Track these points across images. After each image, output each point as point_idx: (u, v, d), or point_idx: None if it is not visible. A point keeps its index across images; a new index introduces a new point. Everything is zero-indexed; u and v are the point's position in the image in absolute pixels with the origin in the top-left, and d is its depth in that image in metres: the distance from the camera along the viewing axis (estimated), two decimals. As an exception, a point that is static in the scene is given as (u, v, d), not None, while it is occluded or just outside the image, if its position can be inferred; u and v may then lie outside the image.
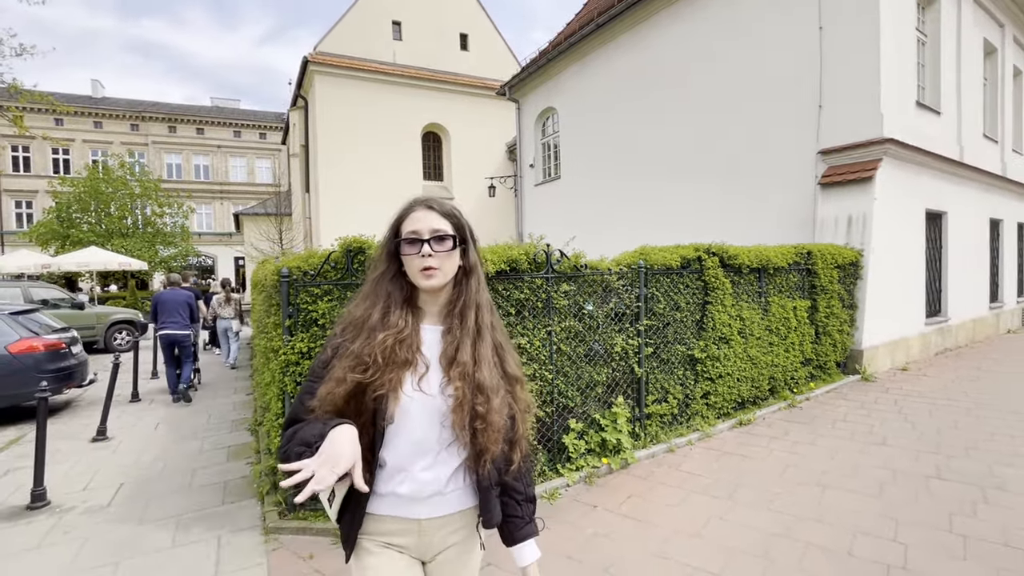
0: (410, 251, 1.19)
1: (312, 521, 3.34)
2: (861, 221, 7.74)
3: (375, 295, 1.24)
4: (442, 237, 1.20)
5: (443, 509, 1.24)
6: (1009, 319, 12.18)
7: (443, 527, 1.25)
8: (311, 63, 19.11)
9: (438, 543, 1.26)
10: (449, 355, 1.21)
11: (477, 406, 1.17)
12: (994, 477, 3.91)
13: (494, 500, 1.28)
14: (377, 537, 1.22)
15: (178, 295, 7.36)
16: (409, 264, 1.20)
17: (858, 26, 7.91)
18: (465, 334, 1.22)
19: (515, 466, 1.29)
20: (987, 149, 11.13)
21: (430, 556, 1.27)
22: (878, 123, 7.72)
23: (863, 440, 4.80)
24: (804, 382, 6.45)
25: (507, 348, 1.31)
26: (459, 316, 1.24)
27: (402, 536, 1.23)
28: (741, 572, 2.79)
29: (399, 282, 1.24)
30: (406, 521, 1.22)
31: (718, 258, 5.35)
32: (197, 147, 37.23)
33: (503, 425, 1.21)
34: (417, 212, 1.23)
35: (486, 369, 1.21)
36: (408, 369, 1.18)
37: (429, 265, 1.17)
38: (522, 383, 1.30)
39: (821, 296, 6.66)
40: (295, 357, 3.29)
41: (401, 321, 1.20)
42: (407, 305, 1.24)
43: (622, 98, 12.47)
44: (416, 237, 1.19)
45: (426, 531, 1.24)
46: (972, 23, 10.29)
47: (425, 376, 1.20)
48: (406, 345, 1.18)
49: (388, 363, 1.15)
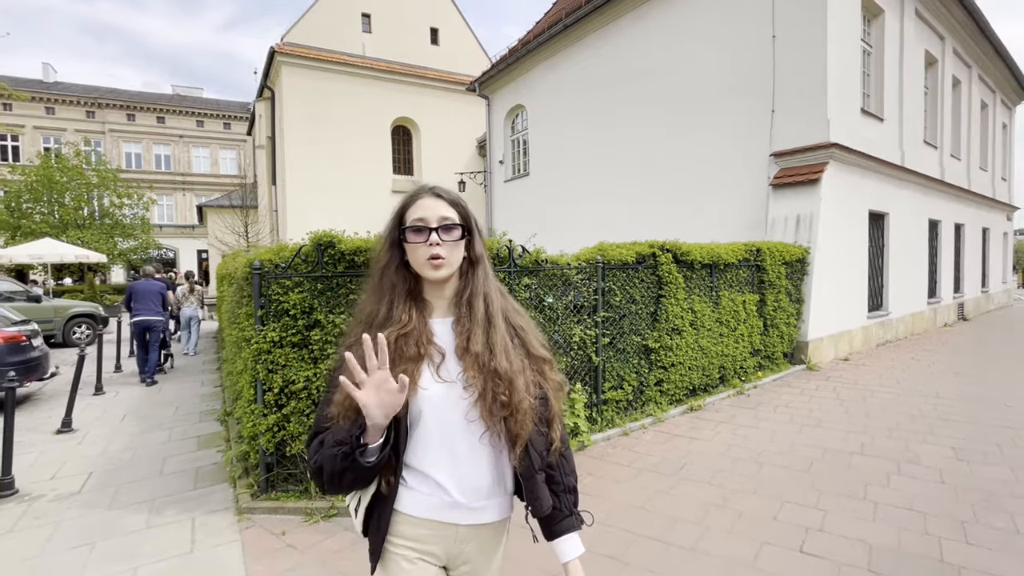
0: (416, 240, 1.15)
1: (284, 501, 3.51)
2: (809, 220, 8.24)
3: (380, 289, 1.21)
4: (450, 226, 1.17)
5: (485, 517, 1.19)
6: (945, 314, 13.03)
7: (478, 536, 1.21)
8: (278, 54, 18.83)
9: (468, 552, 1.21)
10: (462, 346, 1.17)
11: (499, 395, 1.13)
12: (909, 452, 4.35)
13: (541, 485, 1.22)
14: (410, 543, 1.17)
15: (151, 285, 8.02)
16: (414, 253, 1.16)
17: (807, 36, 8.38)
18: (475, 324, 1.18)
19: (556, 445, 1.25)
20: (927, 154, 11.87)
21: (456, 564, 1.22)
22: (825, 128, 8.23)
23: (801, 423, 5.22)
24: (753, 371, 6.89)
25: (529, 330, 1.28)
26: (467, 306, 1.20)
27: (436, 543, 1.18)
28: (679, 536, 3.10)
29: (402, 273, 1.20)
30: (444, 527, 1.17)
31: (672, 254, 5.69)
32: (158, 136, 36.09)
33: (532, 406, 1.18)
34: (424, 199, 1.18)
35: (502, 356, 1.17)
36: (422, 362, 1.15)
37: (437, 254, 1.14)
38: (550, 363, 1.27)
39: (769, 291, 7.10)
40: (267, 346, 3.45)
41: (405, 315, 1.16)
42: (411, 298, 1.20)
43: (590, 98, 12.79)
44: (423, 225, 1.15)
45: (463, 539, 1.19)
46: (914, 35, 10.96)
47: (443, 364, 1.16)
48: (413, 339, 1.15)
49: (397, 360, 1.11)
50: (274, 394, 3.46)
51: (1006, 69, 15.93)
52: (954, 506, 3.40)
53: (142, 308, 7.81)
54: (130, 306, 7.89)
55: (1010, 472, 3.91)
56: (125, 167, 33.63)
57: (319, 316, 3.48)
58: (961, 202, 14.03)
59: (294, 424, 3.45)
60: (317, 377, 3.45)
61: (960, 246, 14.36)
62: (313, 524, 3.33)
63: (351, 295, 3.55)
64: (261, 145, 22.55)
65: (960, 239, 14.33)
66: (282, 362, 3.46)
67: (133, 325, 7.84)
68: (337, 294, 3.56)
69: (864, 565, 2.77)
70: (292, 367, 3.46)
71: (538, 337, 1.29)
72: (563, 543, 1.25)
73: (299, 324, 3.47)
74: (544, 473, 1.25)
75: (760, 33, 9.03)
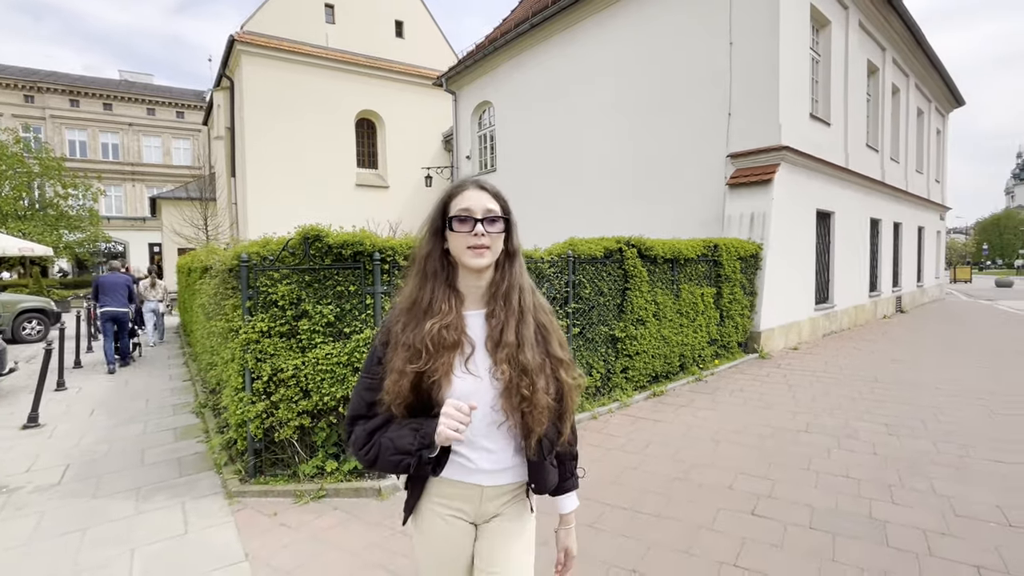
0: (461, 228, 1.20)
1: (273, 484, 3.65)
2: (762, 218, 8.77)
3: (422, 276, 1.27)
4: (494, 218, 1.22)
5: (504, 479, 1.30)
6: (885, 306, 13.99)
7: (501, 495, 1.32)
8: (238, 42, 18.35)
9: (494, 508, 1.33)
10: (495, 338, 1.23)
11: (523, 389, 1.20)
12: (848, 429, 4.82)
13: (546, 468, 1.32)
14: (443, 500, 1.30)
15: (118, 278, 8.53)
16: (457, 242, 1.22)
17: (761, 44, 8.89)
18: (510, 315, 1.24)
19: (564, 438, 1.33)
20: (869, 157, 12.71)
21: (484, 519, 1.34)
22: (777, 132, 8.76)
23: (753, 405, 5.65)
24: (710, 359, 7.34)
25: (551, 329, 1.32)
26: (503, 298, 1.26)
27: (464, 501, 1.30)
28: (647, 505, 3.41)
29: (443, 262, 1.26)
30: (470, 487, 1.29)
31: (637, 249, 6.03)
32: (105, 124, 34.40)
33: (548, 404, 1.24)
34: (469, 191, 1.24)
35: (529, 351, 1.23)
36: (456, 351, 1.22)
37: (480, 244, 1.19)
38: (567, 365, 1.31)
39: (725, 284, 7.56)
40: (255, 336, 3.57)
41: (445, 305, 1.22)
42: (449, 288, 1.26)
43: (556, 96, 13.08)
44: (468, 215, 1.20)
45: (487, 497, 1.30)
46: (858, 45, 11.70)
47: (472, 357, 1.23)
48: (452, 328, 1.21)
49: (438, 348, 1.19)
50: (263, 382, 3.59)
51: (940, 80, 17.12)
52: (883, 473, 3.84)
53: (110, 300, 8.30)
54: (98, 298, 8.38)
55: (932, 444, 4.41)
56: (69, 155, 31.98)
57: (307, 307, 3.62)
58: (899, 202, 15.03)
59: (283, 410, 3.59)
60: (305, 365, 3.59)
61: (898, 243, 15.38)
62: (303, 505, 3.48)
63: (338, 287, 3.70)
64: (219, 136, 21.90)
65: (898, 237, 15.34)
66: (271, 351, 3.59)
67: (101, 316, 8.31)
68: (324, 286, 3.70)
69: (806, 524, 3.14)
70: (281, 356, 3.59)
71: (560, 338, 1.34)
72: (565, 499, 1.42)
73: (287, 315, 3.61)
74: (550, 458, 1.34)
75: (718, 40, 9.50)
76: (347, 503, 3.50)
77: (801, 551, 2.85)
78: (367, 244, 3.72)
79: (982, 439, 4.52)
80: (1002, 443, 4.41)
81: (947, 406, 5.50)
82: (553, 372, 1.27)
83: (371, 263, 3.75)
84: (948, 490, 3.55)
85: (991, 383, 6.47)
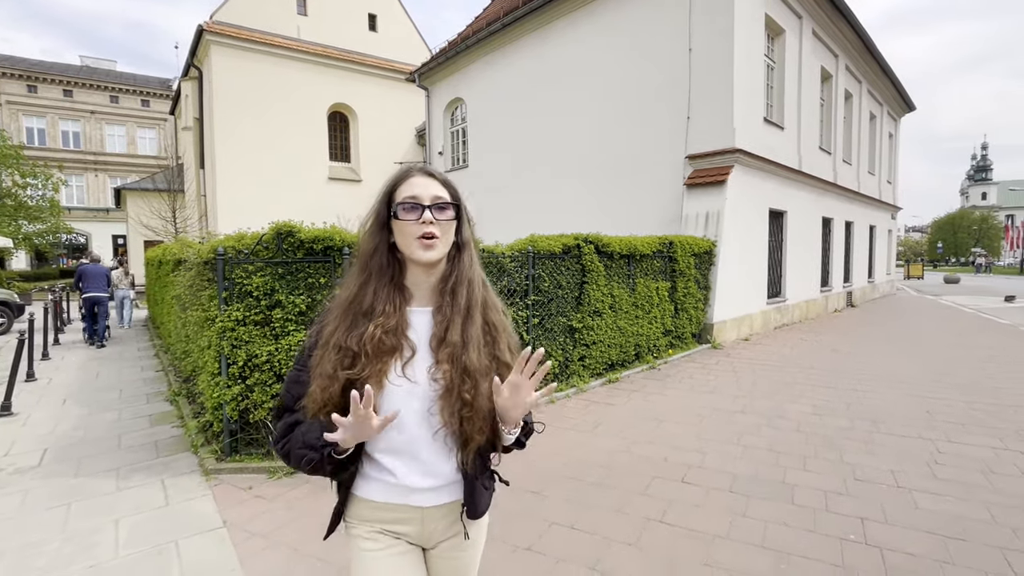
0: (408, 217, 1.11)
1: (247, 462, 3.92)
2: (716, 217, 9.29)
3: (365, 272, 1.18)
4: (443, 205, 1.13)
5: (445, 497, 1.19)
6: (836, 301, 14.79)
7: (447, 515, 1.21)
8: (207, 32, 18.16)
9: (442, 531, 1.22)
10: (439, 336, 1.15)
11: (464, 392, 1.11)
12: (779, 410, 5.32)
13: (480, 490, 1.21)
14: (371, 523, 1.19)
15: (99, 268, 10.20)
16: (404, 232, 1.13)
17: (718, 51, 9.39)
18: (456, 312, 1.16)
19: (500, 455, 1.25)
20: (822, 159, 13.42)
21: (432, 543, 1.24)
22: (732, 135, 9.28)
23: (699, 391, 6.13)
24: (665, 349, 7.82)
25: (501, 329, 1.23)
26: (451, 293, 1.17)
27: (403, 524, 1.19)
28: (590, 476, 3.80)
29: (389, 258, 1.17)
30: (407, 509, 1.18)
31: (594, 245, 6.44)
32: (65, 111, 33.31)
33: (490, 412, 1.14)
34: (416, 178, 1.16)
35: (474, 351, 1.14)
36: (393, 356, 1.13)
37: (430, 233, 1.11)
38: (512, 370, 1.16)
39: (680, 279, 8.05)
40: (231, 324, 3.83)
41: (389, 306, 1.14)
42: (394, 286, 1.17)
43: (526, 95, 13.43)
44: (416, 203, 1.11)
45: (429, 519, 1.20)
46: (811, 52, 12.34)
47: (411, 361, 1.14)
48: (392, 333, 1.13)
49: (377, 354, 1.11)
50: (238, 367, 3.86)
51: (891, 85, 18.04)
52: (802, 446, 4.33)
53: (92, 286, 9.77)
54: (79, 285, 9.88)
55: (849, 422, 4.94)
56: (27, 143, 30.92)
57: (280, 297, 3.90)
58: (851, 202, 15.85)
59: (258, 393, 3.87)
60: (279, 351, 3.88)
61: (850, 241, 16.22)
62: (276, 480, 3.77)
63: (309, 279, 3.99)
64: (188, 127, 21.59)
65: (850, 235, 16.19)
66: (246, 338, 3.86)
67: (84, 300, 9.77)
68: (296, 278, 3.98)
69: (727, 488, 3.58)
70: (255, 343, 3.87)
71: (510, 340, 1.24)
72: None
73: (262, 304, 3.88)
74: (486, 475, 1.25)
75: (679, 46, 9.97)
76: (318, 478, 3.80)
77: (719, 509, 3.29)
78: (337, 239, 4.02)
79: (893, 418, 5.07)
80: (909, 420, 4.97)
81: (871, 390, 6.07)
82: (500, 377, 1.14)
83: (340, 257, 4.04)
84: (854, 460, 4.05)
85: (915, 370, 7.10)
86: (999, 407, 5.38)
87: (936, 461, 4.01)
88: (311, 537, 2.98)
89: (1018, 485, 3.58)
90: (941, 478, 3.70)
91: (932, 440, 4.45)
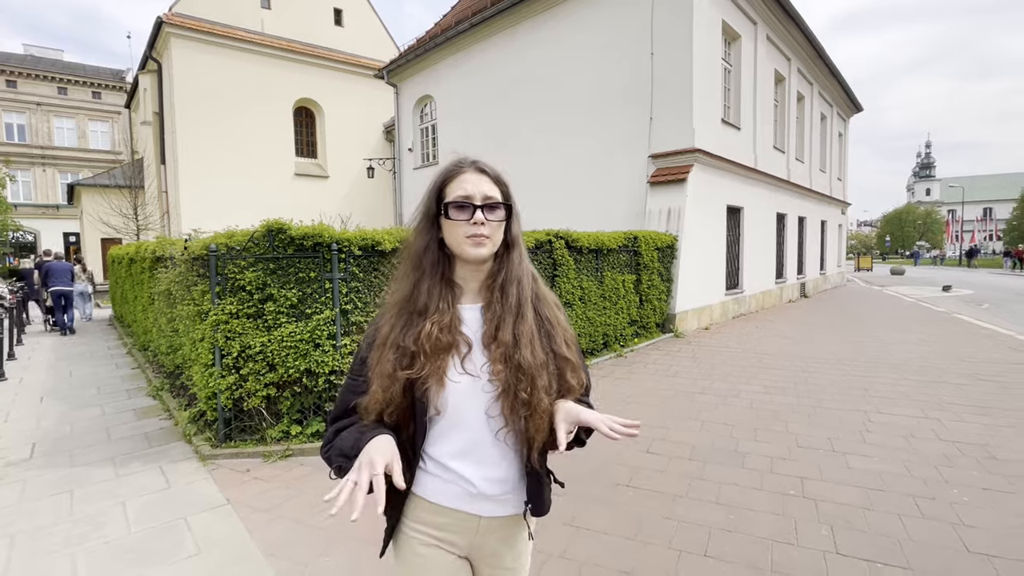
0: (459, 217, 1.10)
1: (242, 448, 4.14)
2: (678, 213, 9.82)
3: (417, 269, 1.16)
4: (495, 205, 1.12)
5: (507, 509, 1.16)
6: (790, 292, 15.65)
7: (502, 528, 1.18)
8: (167, 24, 17.72)
9: (491, 543, 1.19)
10: (490, 334, 1.13)
11: (520, 392, 1.08)
12: (734, 390, 5.83)
13: (547, 488, 1.20)
14: (429, 529, 1.15)
15: (63, 264, 11.27)
16: (453, 231, 1.11)
17: (677, 55, 9.89)
18: (507, 311, 1.13)
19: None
20: (776, 158, 14.18)
21: (478, 555, 1.21)
22: (691, 136, 9.81)
23: (662, 375, 6.60)
24: (631, 338, 8.28)
25: (555, 323, 1.20)
26: (500, 290, 1.15)
27: (457, 533, 1.16)
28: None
29: (439, 255, 1.16)
30: (467, 517, 1.14)
31: (564, 241, 6.82)
32: (8, 103, 31.78)
33: (547, 409, 1.11)
34: (467, 174, 1.14)
35: (527, 349, 1.11)
36: (451, 353, 1.12)
37: (480, 233, 1.09)
38: (573, 366, 1.18)
39: (644, 272, 8.52)
40: (224, 317, 4.03)
41: (443, 303, 1.13)
42: (444, 282, 1.16)
43: (496, 93, 13.71)
44: (467, 202, 1.10)
45: (484, 530, 1.16)
46: (766, 56, 13.03)
47: (469, 355, 1.12)
48: (447, 329, 1.11)
49: (435, 351, 1.10)
50: (232, 358, 4.06)
51: (840, 88, 19.07)
52: (753, 420, 4.81)
53: (58, 281, 10.84)
54: (46, 281, 10.91)
55: (795, 399, 5.47)
56: (-32, 136, 29.43)
57: (272, 291, 4.12)
58: (804, 199, 16.75)
59: (251, 382, 4.08)
60: (271, 343, 4.10)
61: (803, 235, 17.13)
62: (272, 463, 4.01)
63: (300, 273, 4.22)
64: (147, 121, 21.02)
65: (803, 230, 17.09)
66: (239, 330, 4.07)
67: (52, 294, 10.92)
68: (288, 272, 4.20)
69: (687, 457, 4.01)
70: (248, 335, 4.08)
71: (566, 333, 1.21)
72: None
73: (254, 298, 4.09)
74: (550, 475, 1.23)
75: (642, 49, 10.44)
76: (313, 460, 4.06)
77: (678, 474, 3.71)
78: (326, 236, 4.26)
79: (834, 394, 5.63)
80: (847, 396, 5.53)
81: (815, 372, 6.66)
82: (559, 372, 1.14)
83: (329, 252, 4.28)
84: (798, 431, 4.54)
85: (856, 353, 7.76)
86: (924, 383, 6.02)
87: (867, 429, 4.54)
88: (312, 511, 3.25)
89: (933, 447, 4.13)
90: (870, 443, 4.22)
91: (865, 412, 5.01)
